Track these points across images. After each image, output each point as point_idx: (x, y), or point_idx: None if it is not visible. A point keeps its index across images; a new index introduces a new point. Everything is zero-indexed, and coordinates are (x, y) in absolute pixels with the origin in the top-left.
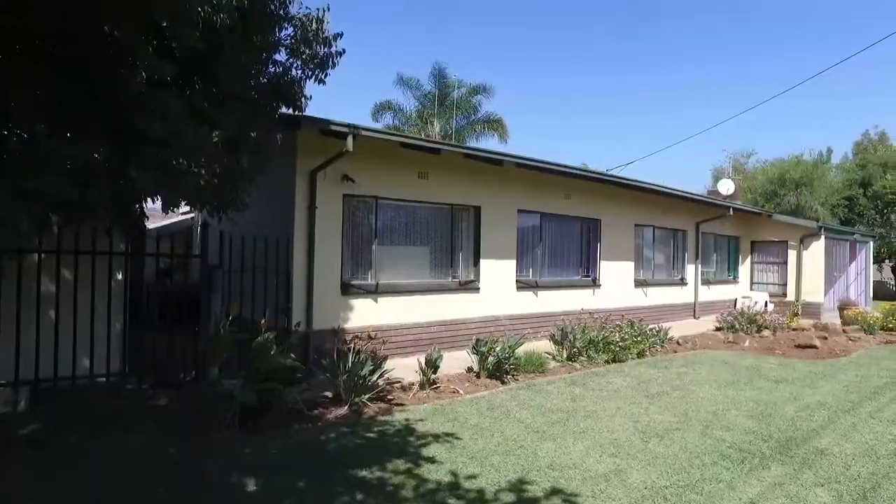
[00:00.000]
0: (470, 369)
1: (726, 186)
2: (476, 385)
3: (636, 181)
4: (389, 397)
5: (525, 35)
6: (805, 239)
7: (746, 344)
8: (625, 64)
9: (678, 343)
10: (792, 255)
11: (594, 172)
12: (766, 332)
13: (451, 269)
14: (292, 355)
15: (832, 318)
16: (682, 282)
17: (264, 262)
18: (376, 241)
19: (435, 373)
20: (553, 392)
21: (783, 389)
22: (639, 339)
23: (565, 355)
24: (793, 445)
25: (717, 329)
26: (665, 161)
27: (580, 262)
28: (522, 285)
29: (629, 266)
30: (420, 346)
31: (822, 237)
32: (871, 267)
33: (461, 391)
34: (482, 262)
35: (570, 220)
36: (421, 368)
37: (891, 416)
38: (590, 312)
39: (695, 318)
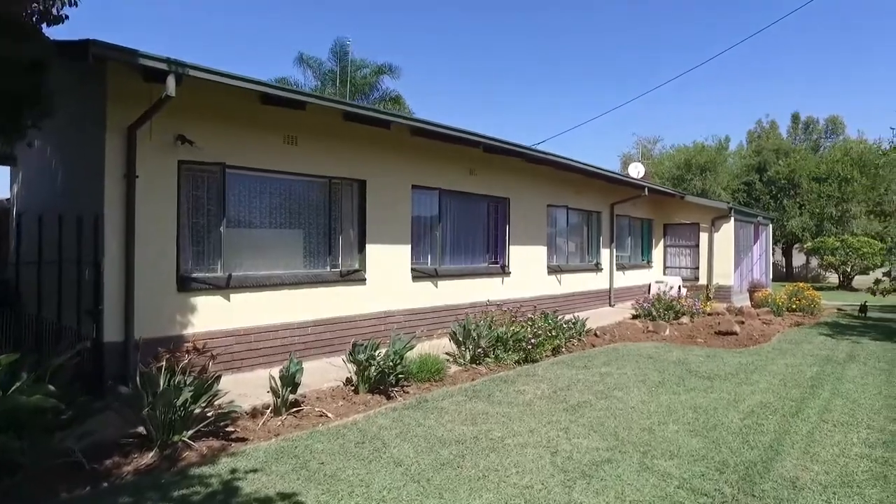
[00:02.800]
0: (349, 381)
1: (637, 170)
2: (353, 403)
3: (548, 154)
4: (229, 429)
5: (430, 16)
6: (716, 221)
7: (667, 333)
8: (536, 46)
9: (596, 335)
10: (704, 237)
11: (500, 141)
12: (684, 319)
13: (331, 257)
14: (51, 387)
15: (742, 300)
16: (598, 267)
17: (58, 250)
18: (225, 221)
19: (294, 391)
20: (449, 410)
21: (719, 389)
22: (553, 333)
23: (468, 357)
24: (755, 475)
25: (635, 317)
26: (573, 147)
27: (487, 248)
28: (419, 275)
29: (541, 251)
30: (291, 352)
31: (732, 219)
32: (771, 249)
33: (330, 414)
34: (369, 247)
35: (474, 198)
36: (272, 388)
37: (839, 417)
38: (498, 304)
39: (610, 305)
